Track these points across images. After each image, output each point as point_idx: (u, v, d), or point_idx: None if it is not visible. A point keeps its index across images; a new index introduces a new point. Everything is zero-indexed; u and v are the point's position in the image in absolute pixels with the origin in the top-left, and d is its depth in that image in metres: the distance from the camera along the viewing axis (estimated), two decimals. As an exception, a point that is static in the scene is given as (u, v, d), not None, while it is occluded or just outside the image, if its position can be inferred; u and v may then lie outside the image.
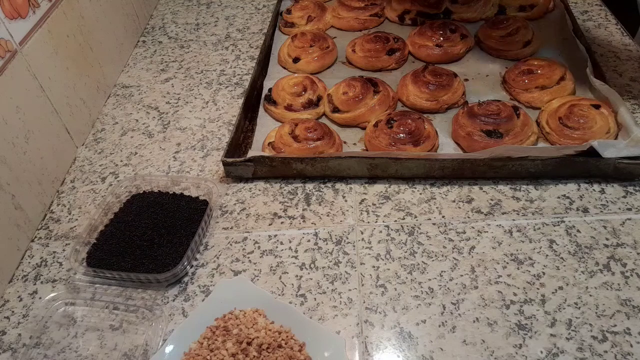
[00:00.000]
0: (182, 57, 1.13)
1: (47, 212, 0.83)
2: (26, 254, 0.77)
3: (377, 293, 0.67)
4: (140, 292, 0.70)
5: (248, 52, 1.12)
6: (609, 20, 1.08)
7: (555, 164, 0.76)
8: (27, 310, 0.70)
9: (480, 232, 0.72)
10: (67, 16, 0.91)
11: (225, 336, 0.62)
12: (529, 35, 0.98)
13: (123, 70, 1.11)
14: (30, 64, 0.80)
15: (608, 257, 0.68)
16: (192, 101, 1.01)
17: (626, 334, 0.60)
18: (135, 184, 0.82)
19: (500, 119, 0.80)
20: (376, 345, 0.62)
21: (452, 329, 0.62)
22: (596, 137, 0.77)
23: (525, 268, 0.68)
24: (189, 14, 1.26)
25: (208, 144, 0.91)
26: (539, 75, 0.88)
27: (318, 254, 0.72)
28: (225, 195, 0.81)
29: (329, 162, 0.79)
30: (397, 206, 0.77)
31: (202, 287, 0.70)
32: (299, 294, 0.68)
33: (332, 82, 0.94)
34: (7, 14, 0.76)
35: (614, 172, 0.76)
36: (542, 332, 0.61)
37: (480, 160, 0.77)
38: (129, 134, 0.95)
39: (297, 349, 0.61)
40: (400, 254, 0.71)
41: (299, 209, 0.78)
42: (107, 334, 0.66)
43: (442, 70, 0.91)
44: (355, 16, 1.09)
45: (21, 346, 0.66)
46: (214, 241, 0.75)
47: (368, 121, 0.86)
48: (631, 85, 0.92)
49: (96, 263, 0.71)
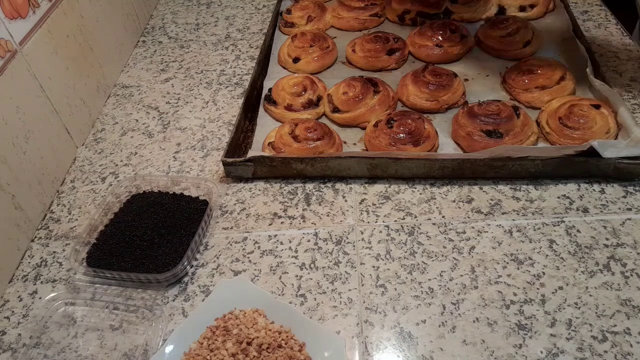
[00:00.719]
0: (182, 57, 1.13)
1: (47, 212, 0.83)
2: (26, 254, 0.77)
3: (377, 293, 0.67)
4: (140, 292, 0.70)
5: (248, 52, 1.12)
6: (609, 20, 1.08)
7: (555, 164, 0.76)
8: (27, 310, 0.70)
9: (480, 232, 0.72)
10: (67, 16, 0.91)
11: (225, 336, 0.62)
12: (529, 35, 0.98)
13: (123, 70, 1.11)
14: (30, 64, 0.80)
15: (608, 257, 0.68)
16: (192, 101, 1.01)
17: (626, 334, 0.60)
18: (135, 184, 0.82)
19: (500, 119, 0.80)
20: (376, 345, 0.62)
21: (452, 329, 0.62)
22: (596, 137, 0.77)
23: (525, 268, 0.68)
24: (189, 14, 1.26)
25: (208, 144, 0.91)
26: (539, 75, 0.88)
27: (318, 254, 0.72)
28: (225, 195, 0.82)
29: (329, 162, 0.79)
30: (397, 206, 0.77)
31: (202, 287, 0.70)
32: (299, 294, 0.68)
33: (332, 82, 0.94)
34: (7, 14, 0.76)
35: (614, 172, 0.76)
36: (542, 332, 0.61)
37: (480, 160, 0.77)
38: (129, 134, 0.95)
39: (297, 349, 0.61)
40: (400, 254, 0.71)
41: (299, 209, 0.78)
42: (107, 334, 0.66)
43: (442, 70, 0.91)
44: (355, 16, 1.09)
45: (21, 346, 0.66)
46: (214, 241, 0.75)
47: (368, 121, 0.86)
48: (631, 85, 0.92)
49: (96, 263, 0.71)
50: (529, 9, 1.06)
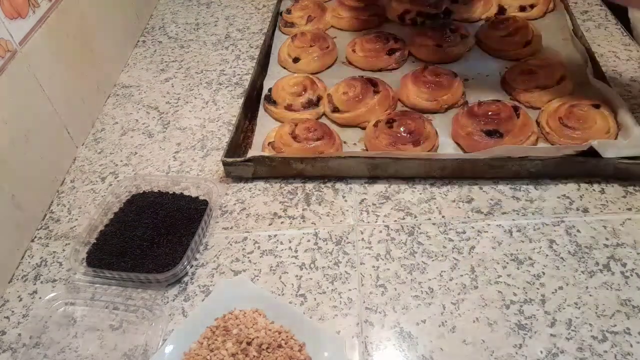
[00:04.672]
0: (182, 57, 1.13)
1: (47, 212, 0.83)
2: (26, 254, 0.77)
3: (377, 293, 0.67)
4: (140, 292, 0.70)
5: (248, 52, 1.12)
6: (609, 20, 1.08)
7: (555, 164, 0.76)
8: (27, 310, 0.70)
9: (480, 232, 0.72)
10: (67, 16, 0.91)
11: (225, 336, 0.62)
12: (529, 35, 0.98)
13: (123, 70, 1.11)
14: (30, 64, 0.80)
15: (608, 257, 0.68)
16: (192, 101, 1.01)
17: (626, 334, 0.60)
18: (135, 183, 0.82)
19: (500, 119, 0.80)
20: (376, 345, 0.62)
21: (452, 329, 0.62)
22: (596, 137, 0.77)
23: (525, 268, 0.68)
24: (188, 14, 1.26)
25: (208, 144, 0.91)
26: (539, 75, 0.88)
27: (318, 254, 0.72)
28: (225, 195, 0.81)
29: (329, 162, 0.79)
30: (397, 206, 0.77)
31: (202, 287, 0.70)
32: (299, 294, 0.68)
33: (332, 82, 0.94)
34: (7, 14, 0.76)
35: (614, 172, 0.76)
36: (542, 332, 0.61)
37: (480, 160, 0.77)
38: (129, 134, 0.95)
39: (297, 349, 0.61)
40: (400, 254, 0.71)
41: (299, 209, 0.78)
42: (107, 334, 0.66)
43: (442, 70, 0.91)
44: (355, 16, 1.09)
45: (21, 346, 0.66)
46: (214, 241, 0.75)
47: (368, 121, 0.86)
48: (631, 85, 0.92)
49: (96, 263, 0.71)
50: (529, 9, 1.06)
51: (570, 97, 0.85)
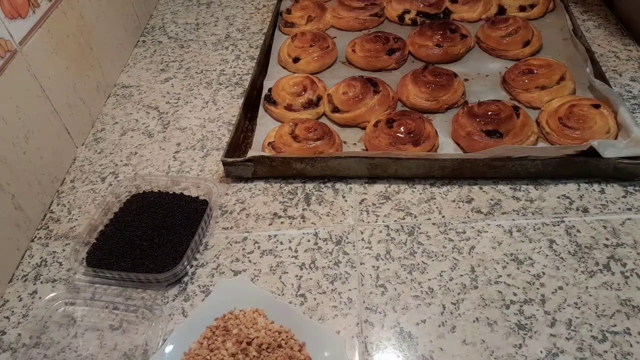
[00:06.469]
0: (182, 57, 1.13)
1: (47, 212, 0.83)
2: (26, 254, 0.77)
3: (377, 293, 0.67)
4: (140, 292, 0.70)
5: (248, 52, 1.12)
6: (609, 20, 1.08)
7: (555, 164, 0.76)
8: (27, 310, 0.70)
9: (480, 232, 0.72)
10: (67, 16, 0.91)
11: (225, 336, 0.62)
12: (529, 35, 0.98)
13: (123, 70, 1.11)
14: (30, 64, 0.80)
15: (608, 257, 0.68)
16: (192, 101, 1.01)
17: (626, 334, 0.60)
18: (135, 184, 0.82)
19: (500, 119, 0.80)
20: (376, 345, 0.62)
21: (452, 329, 0.62)
22: (596, 137, 0.77)
23: (525, 268, 0.68)
24: (189, 14, 1.26)
25: (208, 144, 0.91)
26: (539, 75, 0.88)
27: (318, 254, 0.72)
28: (225, 195, 0.81)
29: (329, 162, 0.79)
30: (397, 206, 0.77)
31: (202, 287, 0.70)
32: (299, 294, 0.68)
33: (332, 82, 0.94)
34: (7, 14, 0.76)
35: (614, 172, 0.76)
36: (542, 332, 0.61)
37: (480, 160, 0.77)
38: (129, 134, 0.95)
39: (297, 349, 0.61)
40: (400, 254, 0.71)
41: (298, 209, 0.78)
42: (107, 333, 0.66)
43: (442, 70, 0.91)
44: (355, 16, 1.09)
45: (21, 346, 0.66)
46: (213, 241, 0.75)
47: (368, 121, 0.86)
48: (631, 85, 0.92)
49: (96, 263, 0.71)
50: (529, 9, 1.06)
51: (570, 97, 0.85)
